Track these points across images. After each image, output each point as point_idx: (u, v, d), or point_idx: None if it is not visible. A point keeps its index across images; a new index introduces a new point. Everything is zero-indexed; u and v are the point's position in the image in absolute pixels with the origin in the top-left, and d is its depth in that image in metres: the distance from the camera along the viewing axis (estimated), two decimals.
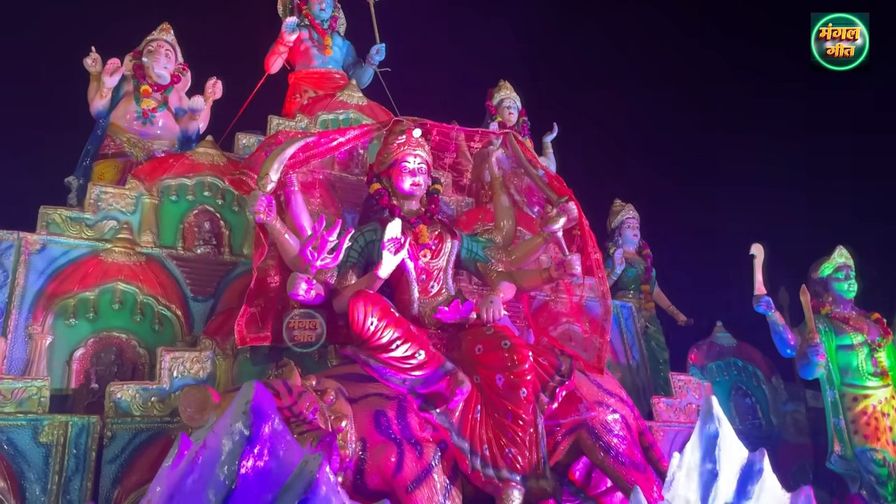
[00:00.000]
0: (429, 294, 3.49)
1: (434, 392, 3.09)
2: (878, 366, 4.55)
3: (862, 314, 4.79)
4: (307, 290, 3.13)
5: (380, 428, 2.98)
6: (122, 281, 3.48)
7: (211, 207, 3.84)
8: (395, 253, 3.25)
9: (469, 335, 3.32)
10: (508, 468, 2.98)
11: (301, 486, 2.22)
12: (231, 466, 2.13)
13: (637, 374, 4.74)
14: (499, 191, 3.99)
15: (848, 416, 4.48)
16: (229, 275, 3.74)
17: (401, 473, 2.91)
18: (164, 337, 3.46)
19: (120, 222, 3.63)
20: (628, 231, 5.93)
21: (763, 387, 4.97)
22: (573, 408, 3.32)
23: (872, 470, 4.30)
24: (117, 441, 2.94)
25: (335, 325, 3.49)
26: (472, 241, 3.71)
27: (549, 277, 3.60)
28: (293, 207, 3.45)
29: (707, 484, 2.72)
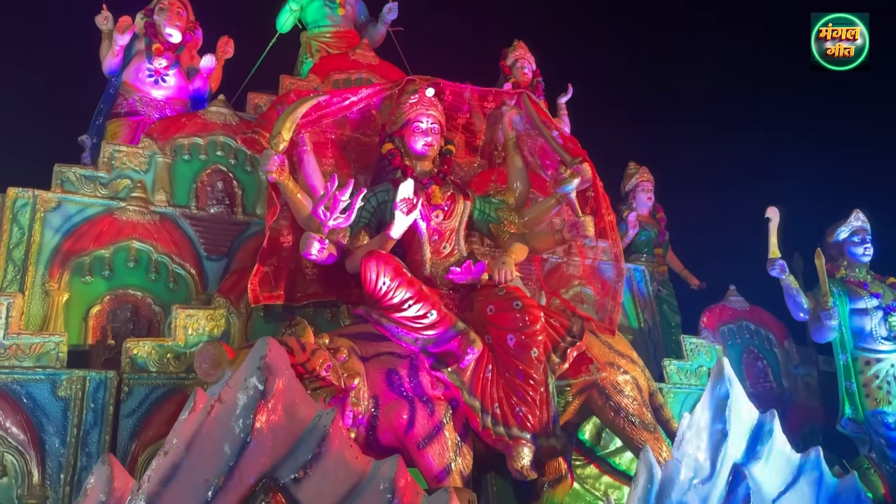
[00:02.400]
0: (441, 255, 3.49)
1: (446, 351, 3.11)
2: (892, 330, 4.54)
3: (877, 278, 4.76)
4: (320, 249, 3.14)
5: (392, 386, 3.02)
6: (136, 239, 3.51)
7: (224, 167, 3.85)
8: (407, 213, 3.25)
9: (481, 296, 3.33)
10: (519, 426, 3.01)
11: (314, 441, 2.25)
12: (245, 420, 2.16)
13: (649, 337, 4.75)
14: (512, 152, 3.95)
15: (860, 379, 4.48)
16: (242, 234, 3.76)
17: (412, 430, 2.95)
18: (178, 295, 3.50)
19: (133, 181, 3.65)
20: (642, 194, 5.88)
21: (775, 350, 4.97)
22: (584, 368, 3.34)
23: (883, 433, 4.31)
24: (134, 396, 2.99)
25: (347, 286, 3.51)
26: (485, 203, 3.70)
27: (562, 239, 3.59)
28: (305, 167, 3.44)
29: (717, 444, 2.73)
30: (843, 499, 2.89)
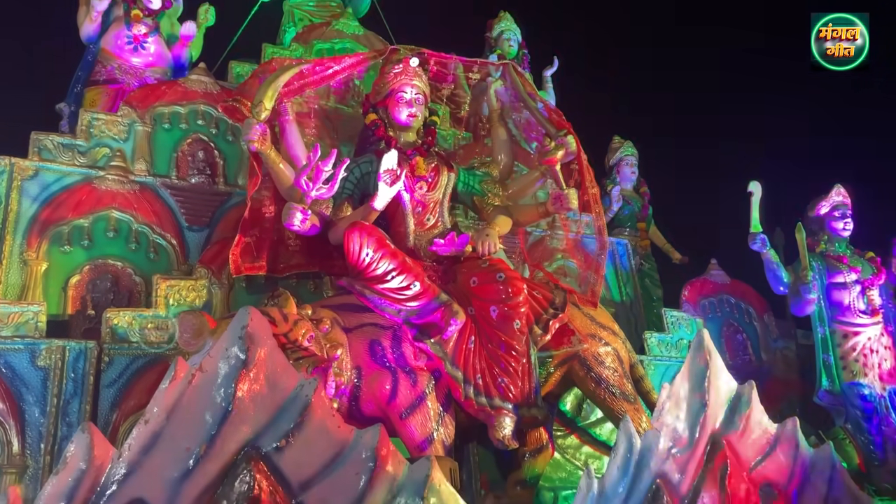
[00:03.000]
0: (424, 226, 3.49)
1: (429, 322, 3.12)
2: (870, 304, 4.60)
3: (856, 253, 4.81)
4: (302, 220, 3.12)
5: (375, 356, 3.03)
6: (116, 209, 3.47)
7: (205, 136, 3.80)
8: (391, 185, 3.23)
9: (464, 268, 3.33)
10: (501, 396, 3.04)
11: (296, 410, 2.26)
12: (227, 389, 2.16)
13: (631, 311, 4.78)
14: (497, 124, 3.93)
15: (837, 352, 4.55)
16: (224, 205, 3.72)
17: (395, 400, 2.97)
18: (159, 265, 3.47)
19: (113, 150, 3.59)
20: (626, 168, 5.89)
21: (755, 324, 5.03)
22: (566, 340, 3.37)
23: (858, 404, 4.39)
24: (115, 366, 2.98)
25: (330, 257, 3.50)
26: (469, 175, 3.69)
27: (546, 211, 3.59)
28: (288, 137, 3.41)
29: (695, 414, 2.76)
30: (818, 468, 2.94)
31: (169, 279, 3.21)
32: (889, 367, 4.53)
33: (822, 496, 2.90)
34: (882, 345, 4.56)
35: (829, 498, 2.90)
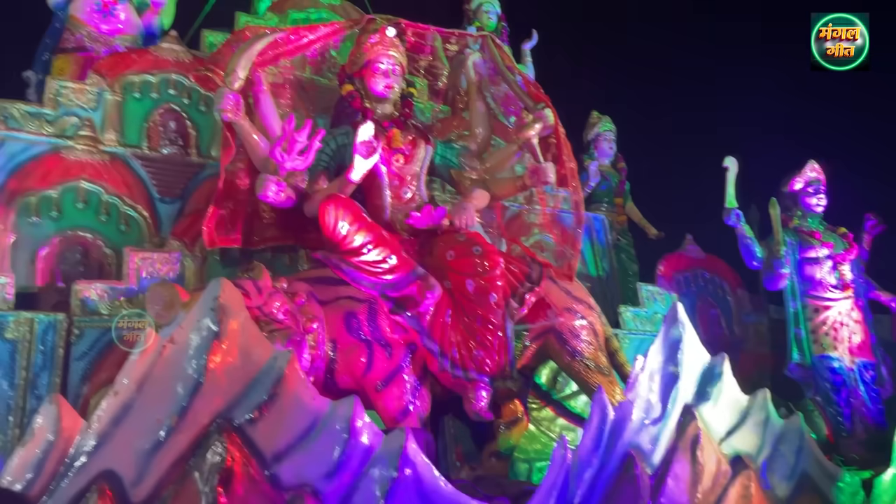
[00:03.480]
0: (401, 200, 3.46)
1: (405, 296, 3.11)
2: (841, 279, 4.67)
3: (829, 228, 4.87)
4: (276, 191, 3.08)
5: (350, 329, 3.01)
6: (85, 179, 3.39)
7: (176, 106, 3.72)
8: (366, 157, 3.19)
9: (441, 241, 3.32)
10: (476, 369, 3.04)
11: (270, 381, 2.25)
12: (199, 361, 2.14)
13: (606, 286, 4.81)
14: (474, 97, 3.90)
15: (808, 326, 4.62)
16: (197, 176, 3.66)
17: (371, 373, 2.96)
18: (130, 237, 3.41)
19: (81, 119, 3.51)
20: (604, 143, 5.88)
21: (728, 298, 5.09)
22: (542, 313, 3.38)
23: (828, 377, 4.47)
24: (85, 339, 2.94)
25: (306, 230, 3.46)
26: (446, 148, 3.66)
27: (523, 185, 3.58)
28: (262, 107, 3.34)
29: (668, 385, 2.80)
30: (787, 438, 2.99)
31: (141, 251, 3.16)
32: (858, 341, 4.61)
33: (790, 466, 2.96)
34: (852, 319, 4.63)
35: (797, 468, 2.96)
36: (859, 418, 4.40)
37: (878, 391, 4.56)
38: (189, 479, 2.09)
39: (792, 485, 2.95)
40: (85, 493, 1.98)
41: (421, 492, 2.31)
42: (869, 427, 4.39)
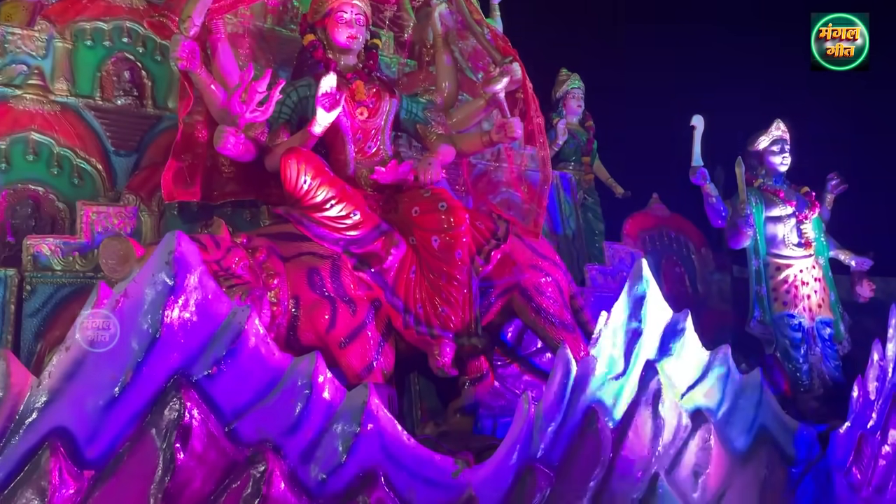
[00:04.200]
0: (366, 154, 3.39)
1: (369, 252, 3.07)
2: (803, 237, 4.73)
3: (792, 187, 4.91)
4: (235, 143, 2.98)
5: (313, 286, 2.97)
6: (35, 131, 3.24)
7: (131, 55, 3.56)
8: (329, 109, 3.11)
9: (406, 197, 3.27)
10: (441, 326, 3.03)
11: (228, 337, 2.20)
12: (154, 316, 2.08)
13: (573, 244, 4.81)
14: (441, 50, 3.81)
15: (770, 283, 4.68)
16: (154, 129, 3.52)
17: (334, 330, 2.93)
18: (84, 191, 3.28)
19: (30, 67, 3.34)
20: (572, 101, 5.83)
21: (693, 257, 5.13)
22: (507, 270, 3.37)
23: (788, 334, 4.55)
24: (38, 295, 2.85)
25: (267, 185, 3.38)
26: (412, 102, 3.59)
27: (490, 140, 3.53)
28: (220, 57, 3.22)
29: (631, 341, 2.82)
30: (747, 393, 3.05)
31: (95, 205, 3.06)
32: (818, 299, 4.70)
33: (749, 420, 3.02)
34: (813, 277, 4.71)
35: (756, 421, 3.03)
36: (817, 374, 4.51)
37: (835, 348, 4.66)
38: (146, 435, 2.05)
39: (750, 437, 3.01)
40: (36, 450, 1.93)
41: (384, 446, 2.30)
42: (826, 383, 4.50)
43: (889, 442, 3.49)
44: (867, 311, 4.98)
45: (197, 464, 2.06)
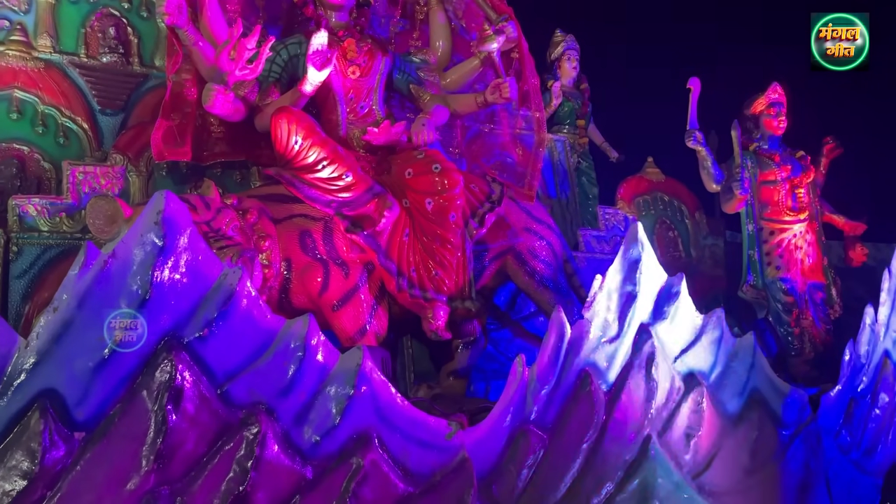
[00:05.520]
0: (358, 115, 3.33)
1: (361, 214, 3.03)
2: (798, 201, 4.71)
3: (788, 151, 4.88)
4: (223, 101, 2.92)
5: (305, 248, 2.94)
6: (18, 88, 3.16)
7: (116, 11, 3.45)
8: (320, 68, 3.04)
9: (399, 159, 3.23)
10: (434, 289, 3.01)
11: (220, 299, 2.16)
12: (143, 277, 2.05)
13: (567, 208, 4.77)
14: (435, 7, 3.74)
15: (763, 248, 4.67)
16: (140, 87, 3.44)
17: (327, 293, 2.91)
18: (70, 151, 3.21)
19: (12, 22, 3.24)
20: (567, 63, 5.71)
21: (686, 221, 5.11)
22: (501, 233, 3.35)
23: (780, 298, 4.56)
24: (25, 256, 2.81)
25: (257, 145, 3.32)
26: (405, 61, 3.52)
27: (484, 101, 3.48)
28: (208, 13, 3.13)
29: (626, 304, 2.81)
30: (740, 356, 3.05)
31: (81, 165, 3.00)
32: (811, 264, 4.69)
33: (742, 383, 3.03)
34: (806, 241, 4.70)
35: (748, 384, 3.04)
36: (808, 338, 4.52)
37: (827, 312, 4.68)
38: (137, 397, 2.03)
39: (742, 400, 3.03)
40: (25, 412, 1.90)
41: (377, 408, 2.29)
42: (817, 346, 4.52)
43: (879, 405, 3.52)
44: (858, 276, 5.00)
45: (189, 426, 2.04)
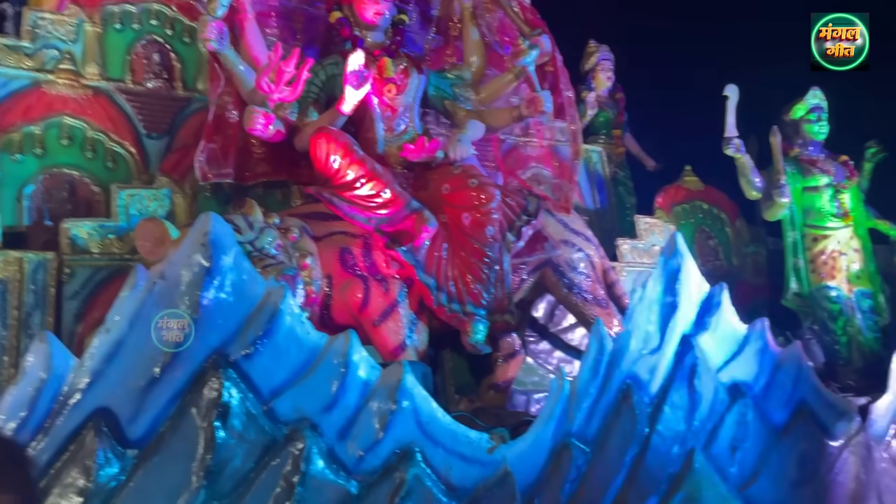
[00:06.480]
0: (394, 132, 3.38)
1: (400, 230, 3.07)
2: (841, 207, 4.61)
3: (830, 156, 4.79)
4: (264, 124, 3.00)
5: (345, 265, 2.98)
6: (68, 115, 3.26)
7: (160, 38, 3.56)
8: (357, 87, 3.10)
9: (436, 174, 3.26)
10: (473, 303, 3.03)
11: (264, 317, 2.22)
12: (191, 297, 2.11)
13: (604, 219, 4.75)
14: (468, 23, 3.77)
15: (807, 255, 4.58)
16: (184, 111, 3.53)
17: (367, 308, 2.94)
18: (118, 175, 3.31)
19: (61, 52, 3.36)
20: (602, 74, 5.72)
21: (726, 229, 5.04)
22: (539, 246, 3.35)
23: (826, 306, 4.46)
24: (77, 278, 2.89)
25: (297, 164, 3.38)
26: (440, 78, 3.57)
27: (520, 115, 3.50)
28: (247, 36, 3.22)
29: (666, 316, 2.79)
30: (785, 367, 3.00)
31: (128, 188, 3.09)
32: (857, 270, 4.59)
33: (788, 394, 2.98)
34: (851, 248, 4.59)
35: (794, 395, 2.98)
36: (856, 346, 4.41)
37: (875, 319, 4.56)
38: (186, 414, 2.08)
39: (789, 412, 2.98)
40: (80, 430, 1.97)
41: (420, 423, 2.32)
42: (866, 355, 4.40)
43: None
44: None
45: (237, 442, 2.09)
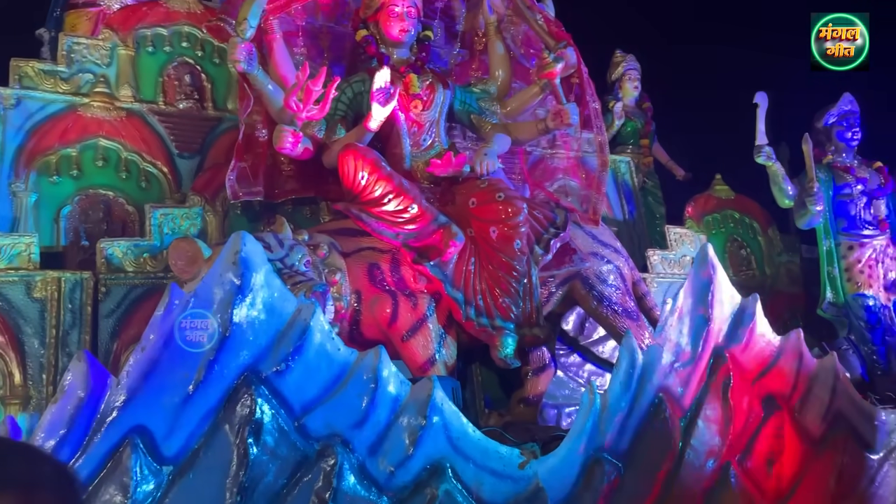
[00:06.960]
0: (421, 147, 3.40)
1: (427, 245, 3.07)
2: (876, 215, 4.53)
3: (864, 163, 4.71)
4: (294, 142, 3.04)
5: (374, 280, 3.00)
6: (103, 137, 3.36)
7: (191, 59, 3.65)
8: (384, 104, 3.13)
9: (463, 188, 3.27)
10: (502, 317, 3.02)
11: (295, 334, 2.24)
12: (224, 315, 2.14)
13: (633, 229, 4.73)
14: (493, 37, 3.79)
15: (842, 264, 4.50)
16: (215, 130, 3.61)
17: (396, 323, 2.95)
18: (151, 194, 3.39)
19: (96, 75, 3.46)
20: (629, 83, 5.69)
21: (759, 238, 4.97)
22: (567, 258, 3.33)
23: (862, 316, 4.38)
24: (112, 296, 2.95)
25: (326, 181, 3.42)
26: (466, 92, 3.58)
27: (546, 128, 3.50)
28: (276, 56, 3.28)
29: (698, 328, 2.75)
30: (821, 379, 2.94)
31: (161, 207, 3.15)
32: (894, 278, 4.50)
33: (824, 406, 2.91)
34: (888, 256, 4.51)
35: (832, 407, 2.92)
36: (895, 356, 4.32)
37: None
38: (220, 431, 2.11)
39: (826, 424, 2.91)
40: (118, 447, 2.00)
41: (450, 438, 2.31)
42: None
43: None
44: None
45: (269, 458, 2.11)
